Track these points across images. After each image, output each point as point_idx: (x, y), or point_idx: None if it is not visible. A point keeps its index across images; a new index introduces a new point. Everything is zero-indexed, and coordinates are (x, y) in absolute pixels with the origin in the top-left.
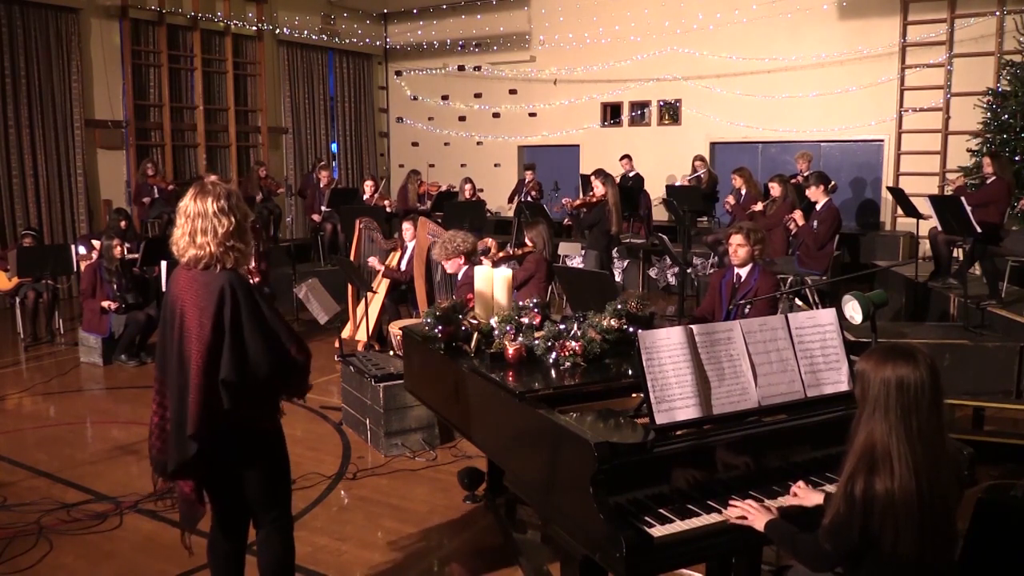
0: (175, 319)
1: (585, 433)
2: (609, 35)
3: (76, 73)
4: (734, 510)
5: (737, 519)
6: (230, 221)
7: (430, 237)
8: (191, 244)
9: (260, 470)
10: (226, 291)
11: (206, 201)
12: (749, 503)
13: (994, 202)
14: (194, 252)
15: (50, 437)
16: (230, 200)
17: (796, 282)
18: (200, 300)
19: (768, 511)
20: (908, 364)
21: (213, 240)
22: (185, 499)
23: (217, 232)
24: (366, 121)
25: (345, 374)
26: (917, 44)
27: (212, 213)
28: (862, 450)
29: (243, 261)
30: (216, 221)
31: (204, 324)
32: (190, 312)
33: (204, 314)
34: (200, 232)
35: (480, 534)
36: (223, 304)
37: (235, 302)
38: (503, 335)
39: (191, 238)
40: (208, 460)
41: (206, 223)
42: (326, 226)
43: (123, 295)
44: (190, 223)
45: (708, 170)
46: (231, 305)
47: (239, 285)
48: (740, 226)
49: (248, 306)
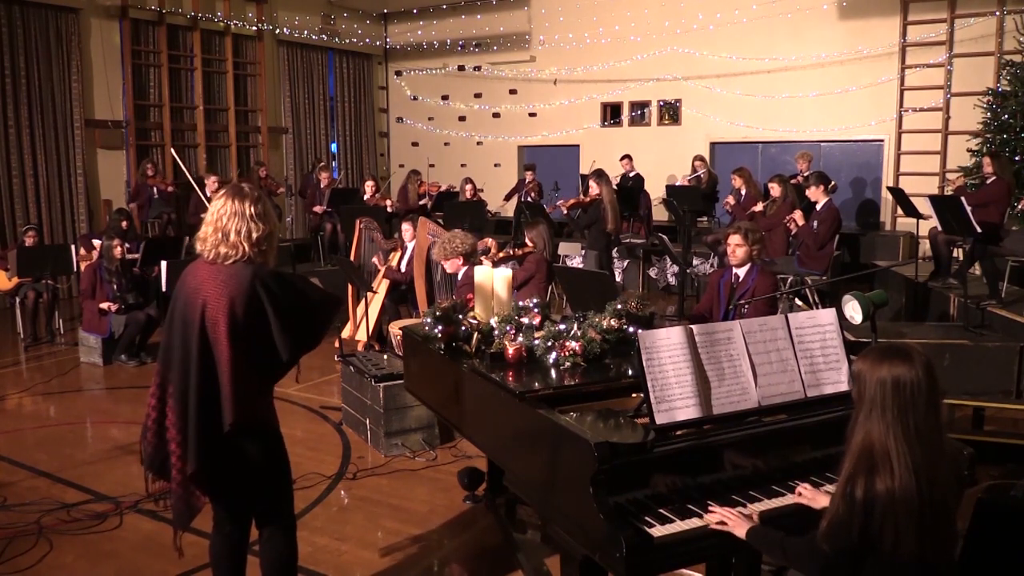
0: (192, 311)
1: (585, 433)
2: (609, 35)
3: (76, 73)
4: (713, 516)
5: (716, 524)
6: (265, 227)
7: (430, 237)
8: (223, 242)
9: (262, 471)
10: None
11: (244, 203)
12: (728, 510)
13: (994, 202)
14: (225, 250)
15: (50, 437)
16: (266, 207)
17: (796, 282)
18: (228, 289)
19: (748, 518)
20: (904, 363)
21: (247, 241)
22: (182, 496)
23: (252, 235)
24: (366, 121)
25: (345, 374)
26: (917, 44)
27: (249, 215)
28: (860, 451)
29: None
30: (253, 224)
31: (236, 313)
32: (214, 303)
33: (235, 303)
34: (235, 231)
35: (480, 534)
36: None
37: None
38: (503, 335)
39: (223, 236)
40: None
41: (242, 223)
42: (326, 226)
43: (123, 295)
44: (224, 221)
45: (708, 170)
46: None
47: (267, 273)
48: (738, 226)
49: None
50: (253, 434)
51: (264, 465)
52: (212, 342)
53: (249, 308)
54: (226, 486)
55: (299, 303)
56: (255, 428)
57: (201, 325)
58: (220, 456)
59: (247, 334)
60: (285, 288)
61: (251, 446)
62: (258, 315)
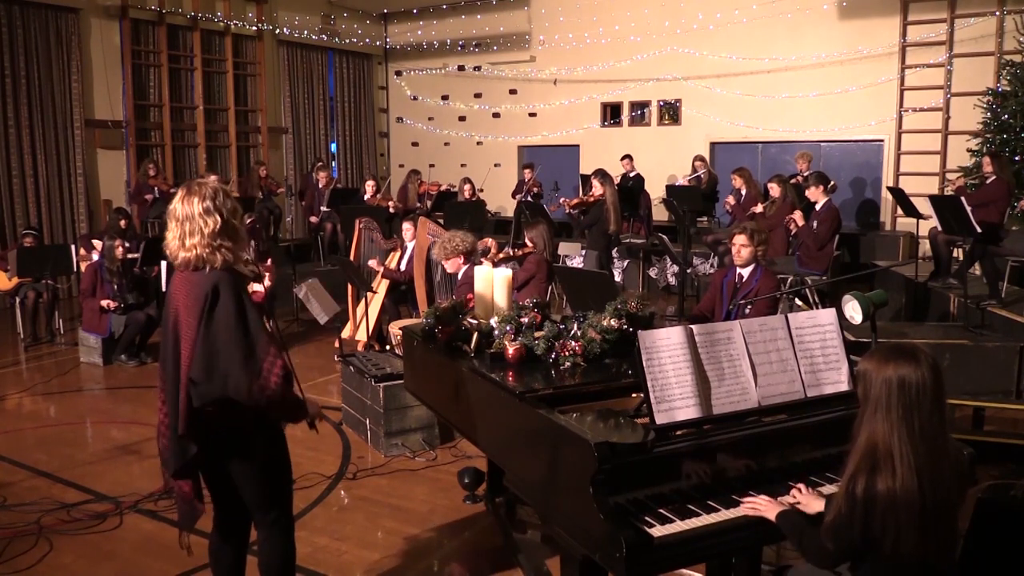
0: (170, 321)
1: (585, 433)
2: (609, 35)
3: (76, 73)
4: (746, 507)
5: (750, 511)
6: (215, 220)
7: (430, 237)
8: (181, 247)
9: (256, 471)
10: (211, 290)
11: (192, 202)
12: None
13: (994, 202)
14: (184, 255)
15: (50, 437)
16: (216, 199)
17: (796, 282)
18: (189, 300)
19: (780, 504)
20: (910, 364)
21: (200, 241)
22: (184, 499)
23: (204, 232)
24: (366, 121)
25: (345, 374)
26: (917, 44)
27: (198, 214)
28: (864, 450)
29: (235, 259)
30: (202, 222)
31: (190, 324)
32: (183, 313)
33: (191, 313)
34: (188, 234)
35: (480, 534)
36: (206, 303)
37: (215, 301)
38: (503, 335)
39: (181, 241)
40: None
41: (193, 225)
42: (326, 226)
43: (123, 295)
44: (179, 226)
45: (708, 170)
46: (211, 303)
47: (226, 284)
48: (744, 226)
49: (229, 306)
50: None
51: (265, 466)
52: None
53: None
54: (222, 484)
55: (236, 335)
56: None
57: (176, 336)
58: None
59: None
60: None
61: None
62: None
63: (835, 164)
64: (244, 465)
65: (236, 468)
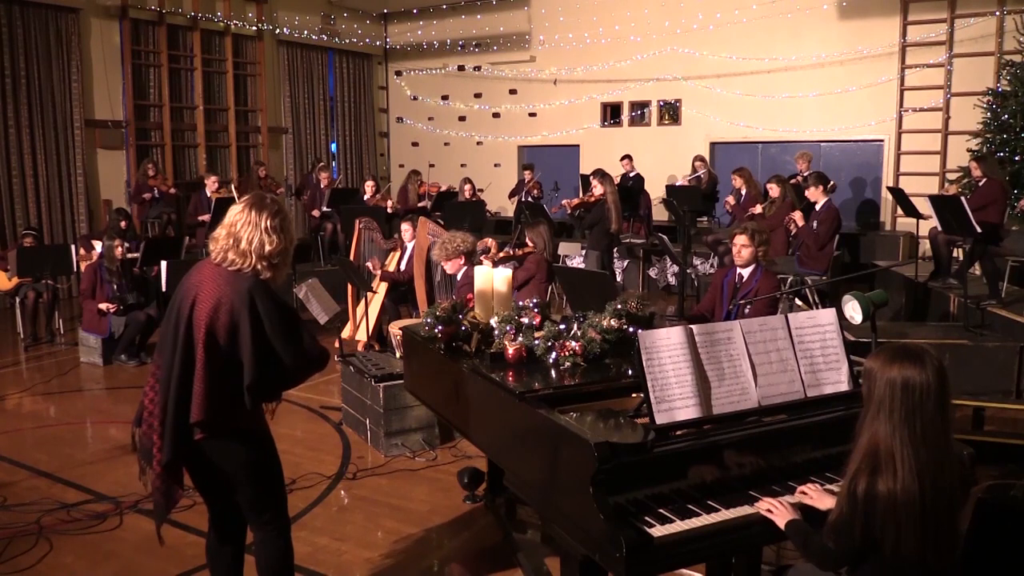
0: (185, 304)
1: (585, 433)
2: (609, 35)
3: (76, 73)
4: (763, 504)
5: (765, 512)
6: (280, 241)
7: (430, 237)
8: (232, 248)
9: (247, 473)
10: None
11: (261, 214)
12: (781, 500)
13: (991, 203)
14: (232, 256)
15: (50, 437)
16: (284, 221)
17: (796, 282)
18: (221, 293)
19: (793, 511)
20: (915, 365)
21: (257, 252)
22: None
23: (264, 247)
24: (366, 121)
25: (345, 374)
26: (917, 44)
27: (264, 228)
28: (865, 450)
29: (276, 280)
30: (266, 237)
31: (219, 317)
32: (204, 302)
33: (221, 308)
34: (247, 241)
35: (480, 534)
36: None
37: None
38: (503, 335)
39: (234, 242)
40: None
41: (255, 234)
42: (326, 226)
43: (123, 295)
44: (238, 228)
45: (708, 170)
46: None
47: (263, 291)
48: (745, 227)
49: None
50: (234, 437)
51: (248, 468)
52: (194, 340)
53: (232, 317)
54: (210, 486)
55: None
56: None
57: (189, 321)
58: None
59: (225, 341)
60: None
61: (232, 448)
62: (237, 328)
63: (835, 164)
64: (228, 468)
65: (220, 471)
